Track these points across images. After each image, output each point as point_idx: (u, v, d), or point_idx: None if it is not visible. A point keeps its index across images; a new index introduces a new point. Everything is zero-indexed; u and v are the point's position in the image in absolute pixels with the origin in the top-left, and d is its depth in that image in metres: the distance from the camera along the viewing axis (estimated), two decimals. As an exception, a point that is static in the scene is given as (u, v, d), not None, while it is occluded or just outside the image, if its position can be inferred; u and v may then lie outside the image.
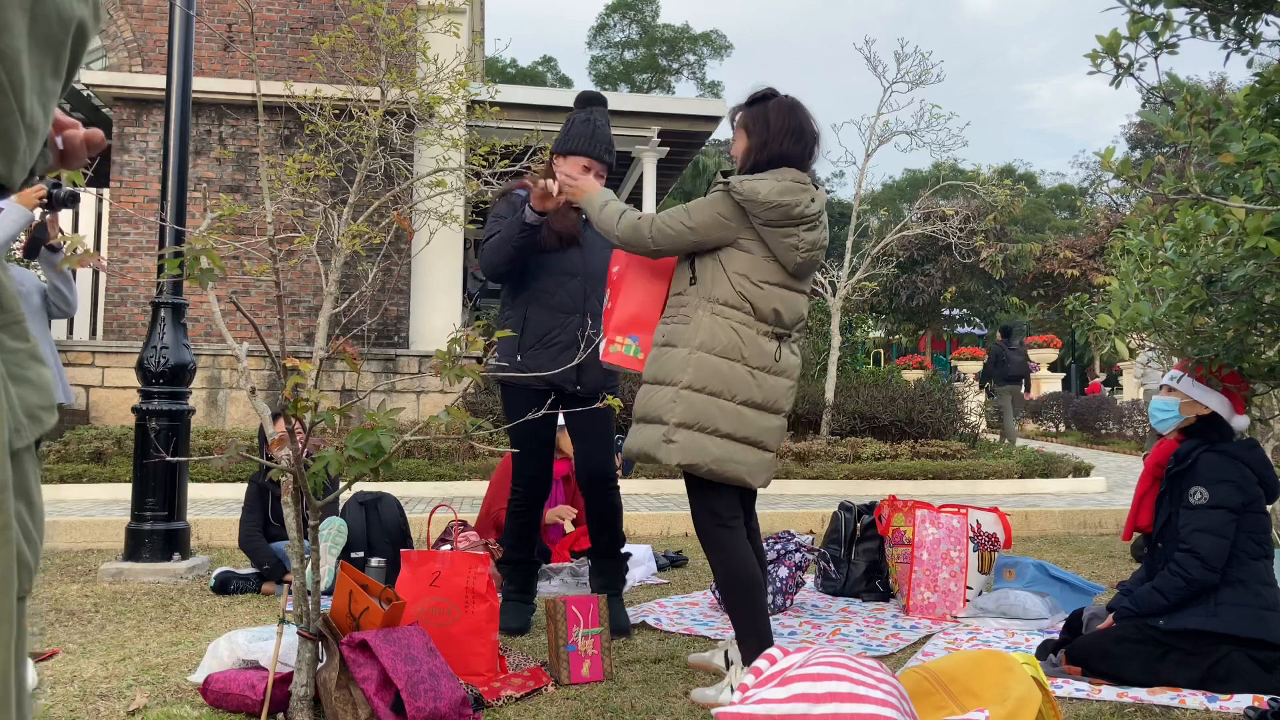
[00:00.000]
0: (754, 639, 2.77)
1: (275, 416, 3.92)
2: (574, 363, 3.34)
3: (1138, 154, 34.73)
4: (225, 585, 4.42)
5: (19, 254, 3.97)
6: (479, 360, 3.23)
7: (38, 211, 3.65)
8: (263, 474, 4.57)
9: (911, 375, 17.03)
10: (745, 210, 2.76)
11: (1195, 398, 3.28)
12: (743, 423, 2.76)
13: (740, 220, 2.77)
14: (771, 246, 2.79)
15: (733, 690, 2.69)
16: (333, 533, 4.30)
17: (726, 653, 2.92)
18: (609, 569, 3.77)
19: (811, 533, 6.28)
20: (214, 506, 7.16)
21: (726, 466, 2.74)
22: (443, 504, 4.85)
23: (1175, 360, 3.59)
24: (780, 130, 2.85)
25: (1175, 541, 3.14)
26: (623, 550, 3.83)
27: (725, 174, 2.86)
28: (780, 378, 2.83)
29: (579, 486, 3.78)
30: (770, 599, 4.06)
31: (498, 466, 5.00)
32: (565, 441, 5.03)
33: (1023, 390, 15.87)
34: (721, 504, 2.81)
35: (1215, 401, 3.25)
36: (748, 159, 2.90)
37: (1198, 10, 2.56)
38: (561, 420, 5.06)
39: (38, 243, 3.80)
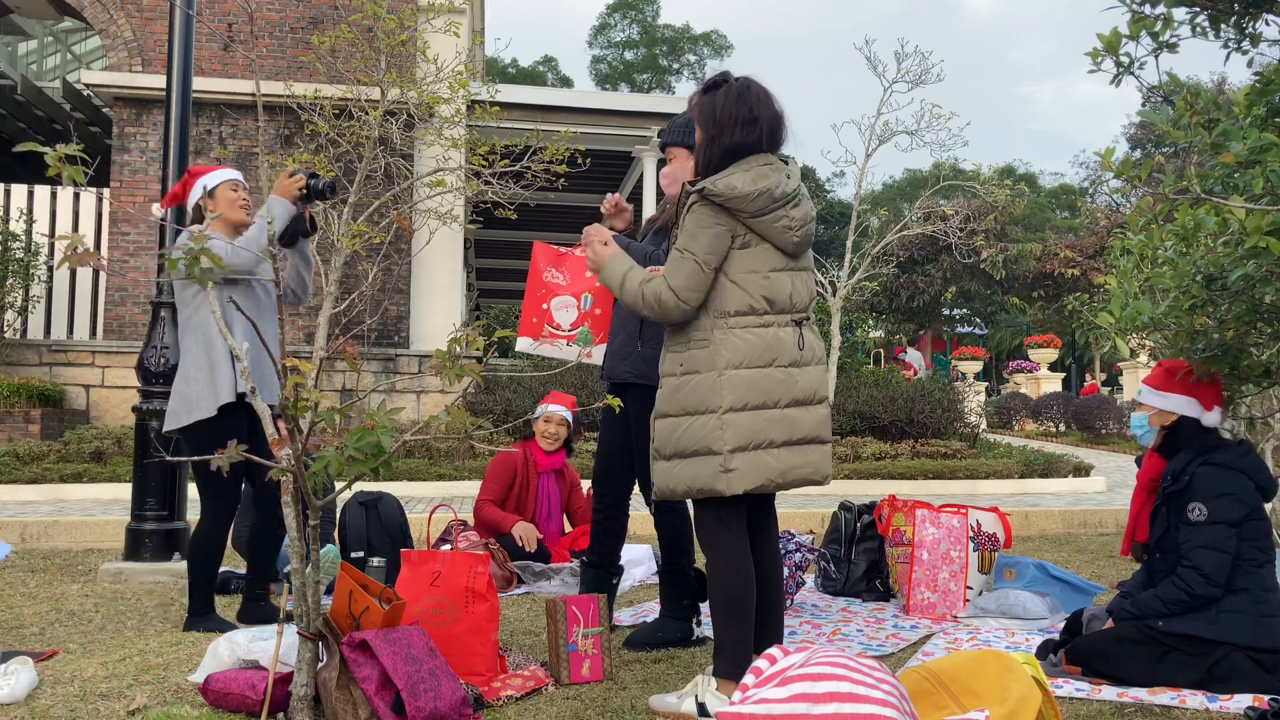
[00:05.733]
0: (730, 651, 2.66)
1: (275, 416, 3.92)
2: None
3: (1138, 154, 34.72)
4: (225, 585, 4.42)
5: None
6: (479, 360, 3.25)
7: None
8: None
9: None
10: (730, 210, 2.67)
11: (1158, 406, 3.24)
12: (794, 425, 2.66)
13: (731, 222, 2.68)
14: (766, 235, 2.70)
15: (696, 700, 2.64)
16: (327, 564, 4.22)
17: (698, 691, 2.73)
18: (669, 594, 3.56)
19: (811, 533, 6.28)
20: (214, 506, 7.16)
21: (792, 474, 2.65)
22: (443, 504, 4.86)
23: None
24: (729, 121, 2.73)
25: (1173, 553, 3.12)
26: (689, 571, 3.55)
27: (693, 184, 2.74)
28: (812, 366, 2.74)
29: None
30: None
31: (491, 462, 5.00)
32: (548, 431, 5.00)
33: None
34: (728, 508, 2.72)
35: (1180, 405, 3.20)
36: (700, 153, 2.80)
37: (1198, 10, 2.56)
38: (554, 408, 5.05)
39: (295, 234, 3.75)
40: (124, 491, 7.37)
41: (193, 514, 6.48)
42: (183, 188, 3.76)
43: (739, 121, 2.73)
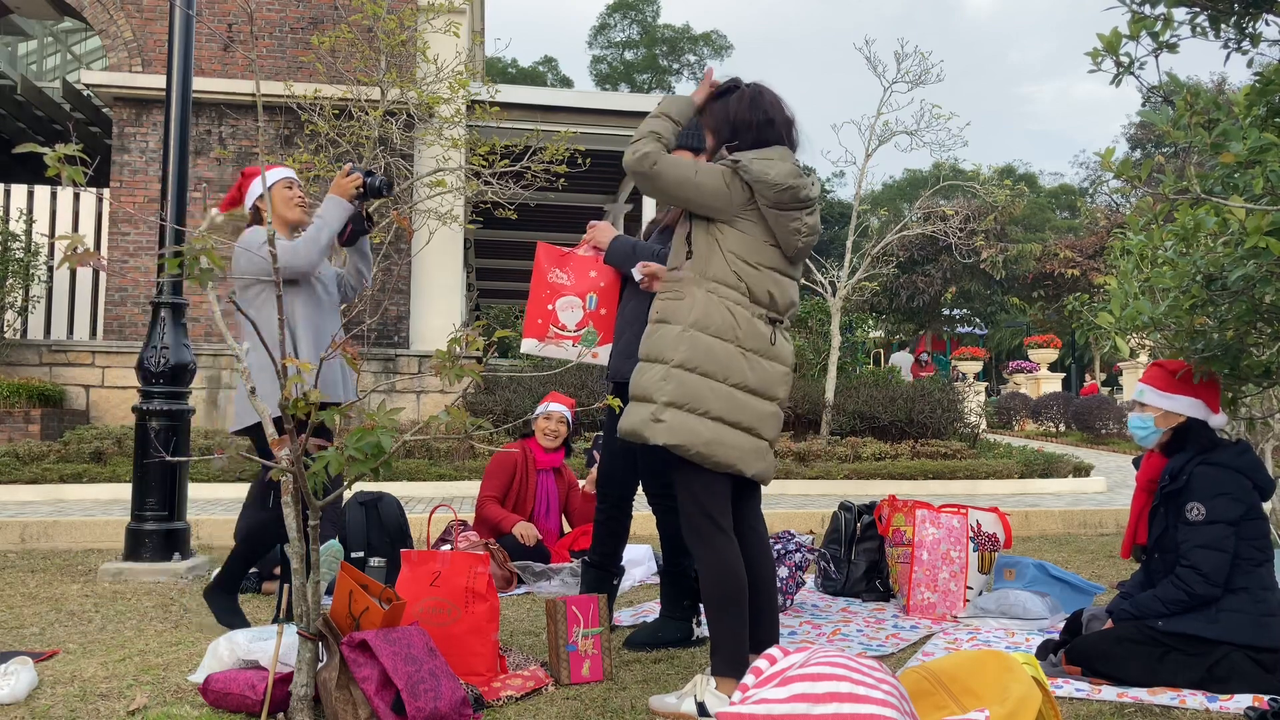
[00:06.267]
0: (727, 649, 2.66)
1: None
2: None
3: (1138, 154, 34.74)
4: (225, 585, 4.42)
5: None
6: (479, 360, 3.26)
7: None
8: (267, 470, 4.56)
9: (911, 375, 16.99)
10: (753, 191, 2.70)
11: (1164, 408, 3.22)
12: (735, 406, 2.68)
13: (741, 199, 2.71)
14: (775, 229, 2.74)
15: (696, 699, 2.64)
16: (328, 558, 4.21)
17: (697, 691, 2.74)
18: (669, 594, 3.56)
19: (811, 533, 6.28)
20: (214, 506, 7.16)
21: (716, 450, 2.66)
22: (443, 504, 4.86)
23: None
24: (744, 126, 2.79)
25: (1171, 553, 3.12)
26: (690, 572, 3.55)
27: (731, 150, 2.79)
28: (775, 363, 2.77)
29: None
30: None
31: (491, 460, 5.00)
32: (548, 428, 5.01)
33: None
34: (712, 498, 2.71)
35: (1186, 407, 3.18)
36: (714, 157, 2.84)
37: (1198, 10, 2.56)
38: (555, 406, 5.06)
39: (356, 233, 3.71)
40: (124, 491, 7.37)
41: (194, 514, 6.48)
42: (238, 189, 3.75)
43: (754, 125, 2.79)
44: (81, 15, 11.21)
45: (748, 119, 2.78)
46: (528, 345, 3.52)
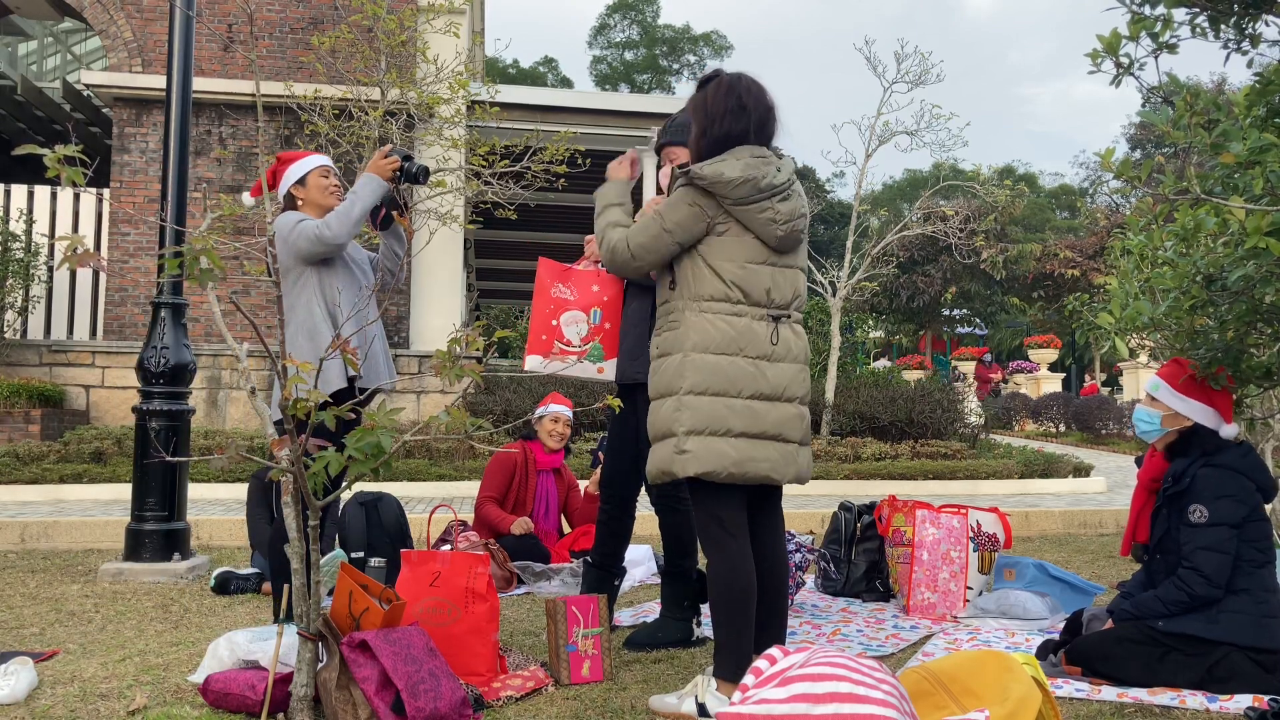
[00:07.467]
0: (730, 653, 2.64)
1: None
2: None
3: (1138, 154, 34.74)
4: (225, 585, 4.42)
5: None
6: (479, 360, 3.26)
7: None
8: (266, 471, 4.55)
9: (912, 375, 17.02)
10: (715, 195, 2.68)
11: (1175, 409, 3.19)
12: (756, 418, 2.65)
13: (713, 207, 2.69)
14: (749, 225, 2.70)
15: (696, 700, 2.63)
16: (331, 568, 4.18)
17: (697, 692, 2.73)
18: (669, 594, 3.56)
19: (811, 533, 6.29)
20: (214, 506, 7.16)
21: (748, 467, 2.63)
22: (443, 504, 4.86)
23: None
24: (719, 112, 2.76)
25: (1173, 553, 3.12)
26: (691, 572, 3.55)
27: (682, 168, 2.78)
28: (785, 363, 2.72)
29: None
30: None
31: (491, 460, 5.01)
32: (555, 430, 5.02)
33: None
34: (723, 504, 2.69)
35: (1198, 413, 3.16)
36: (695, 146, 2.83)
37: (1198, 10, 2.56)
38: (558, 407, 5.07)
39: (390, 216, 3.67)
40: (124, 491, 7.37)
41: (194, 514, 6.48)
42: (273, 175, 3.72)
43: (727, 111, 2.76)
44: (81, 15, 11.21)
45: (723, 105, 2.76)
46: (532, 363, 3.49)
